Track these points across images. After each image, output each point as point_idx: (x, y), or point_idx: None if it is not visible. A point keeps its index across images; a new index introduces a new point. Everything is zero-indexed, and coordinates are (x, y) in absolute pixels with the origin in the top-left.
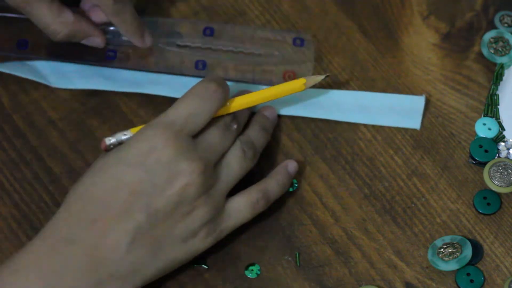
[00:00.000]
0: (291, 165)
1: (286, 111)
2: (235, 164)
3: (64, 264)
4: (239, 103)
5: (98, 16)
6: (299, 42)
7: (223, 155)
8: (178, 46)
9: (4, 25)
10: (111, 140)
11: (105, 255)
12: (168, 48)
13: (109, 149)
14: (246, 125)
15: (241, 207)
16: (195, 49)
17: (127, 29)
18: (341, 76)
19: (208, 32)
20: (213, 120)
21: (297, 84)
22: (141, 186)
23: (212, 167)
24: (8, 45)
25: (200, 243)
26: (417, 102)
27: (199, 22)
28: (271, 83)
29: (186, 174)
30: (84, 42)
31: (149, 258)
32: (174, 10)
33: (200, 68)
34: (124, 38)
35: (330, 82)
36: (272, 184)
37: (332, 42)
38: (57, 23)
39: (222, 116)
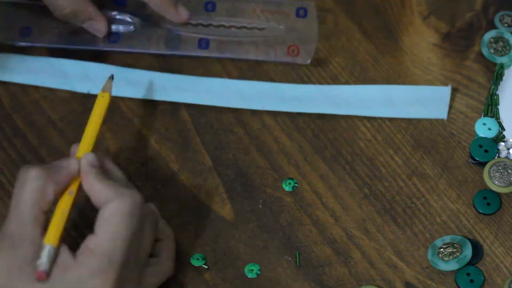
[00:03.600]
0: None
1: (309, 108)
2: None
3: None
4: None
5: None
6: (302, 12)
7: None
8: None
9: (7, 13)
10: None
11: None
12: (169, 26)
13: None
14: None
15: None
16: (197, 27)
17: (161, 2)
18: (341, 76)
19: (210, 7)
20: None
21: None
22: None
23: None
24: (11, 33)
25: None
26: (443, 92)
27: None
28: (275, 58)
29: None
30: (85, 26)
31: None
32: None
33: (203, 47)
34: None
35: (331, 82)
36: None
37: (332, 42)
38: None
39: None
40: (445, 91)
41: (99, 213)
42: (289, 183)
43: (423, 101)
